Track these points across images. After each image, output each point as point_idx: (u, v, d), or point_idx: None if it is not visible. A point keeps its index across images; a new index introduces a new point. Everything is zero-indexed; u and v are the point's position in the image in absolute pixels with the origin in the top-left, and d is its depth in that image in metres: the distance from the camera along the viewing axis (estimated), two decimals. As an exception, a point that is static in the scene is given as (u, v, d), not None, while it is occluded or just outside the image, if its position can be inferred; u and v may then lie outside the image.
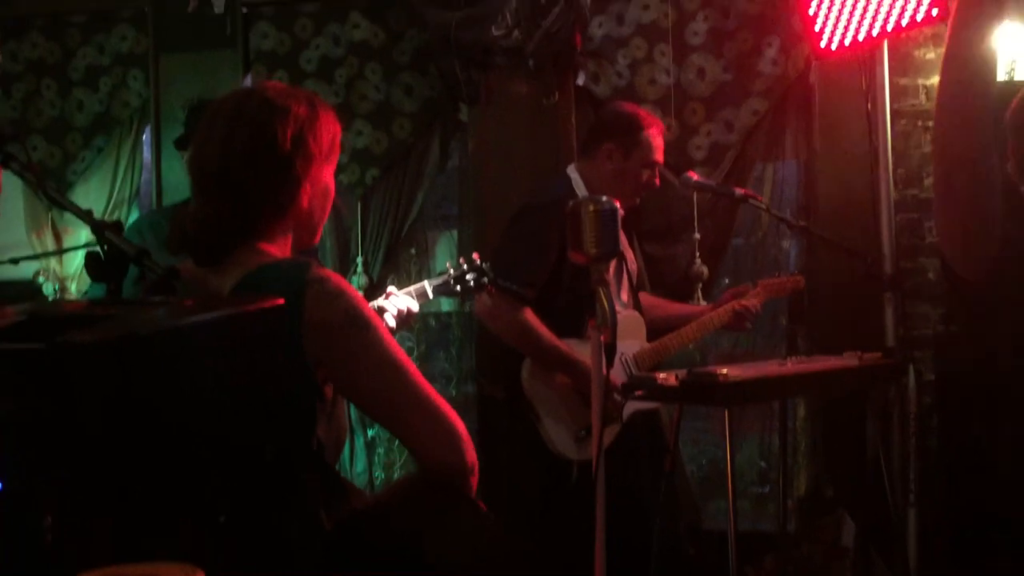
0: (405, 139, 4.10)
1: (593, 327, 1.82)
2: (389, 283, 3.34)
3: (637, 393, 2.81)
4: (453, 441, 1.56)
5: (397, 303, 2.40)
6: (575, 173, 3.13)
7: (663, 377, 2.74)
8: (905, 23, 3.20)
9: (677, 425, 3.04)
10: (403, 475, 4.08)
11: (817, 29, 3.45)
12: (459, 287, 2.60)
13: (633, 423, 3.02)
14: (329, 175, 1.70)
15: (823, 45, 3.46)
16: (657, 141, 3.08)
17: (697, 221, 3.76)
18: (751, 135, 3.80)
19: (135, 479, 1.11)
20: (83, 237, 4.14)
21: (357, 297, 1.57)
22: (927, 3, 3.12)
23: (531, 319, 2.94)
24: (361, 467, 4.15)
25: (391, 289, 2.46)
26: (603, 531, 1.85)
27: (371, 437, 4.15)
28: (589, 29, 3.83)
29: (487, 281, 2.63)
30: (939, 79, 1.77)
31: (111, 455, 1.09)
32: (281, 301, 1.31)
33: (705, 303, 3.57)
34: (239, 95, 1.68)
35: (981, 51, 1.69)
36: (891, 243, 3.59)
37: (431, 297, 2.55)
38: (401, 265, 4.18)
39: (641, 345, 3.13)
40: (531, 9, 3.71)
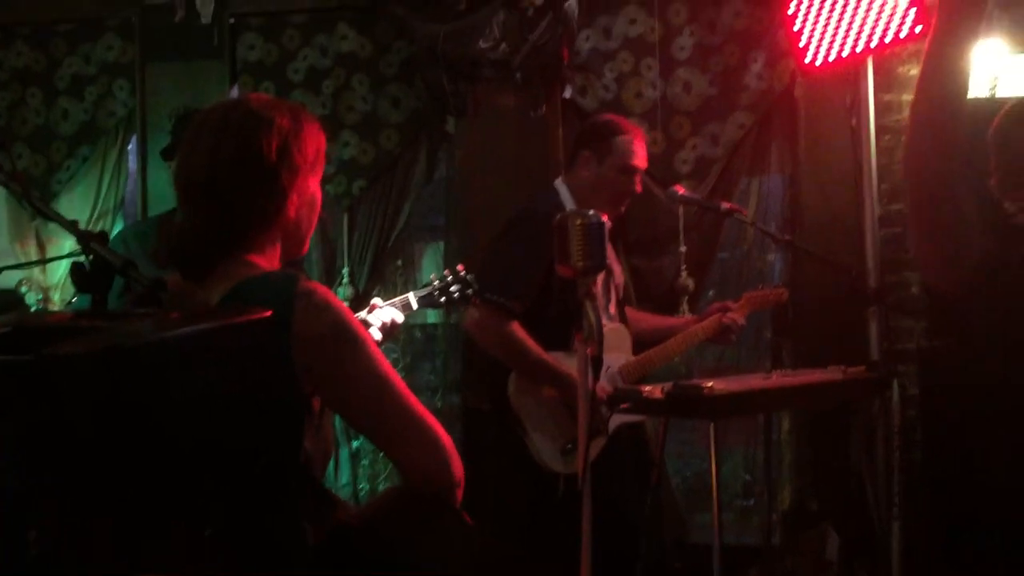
0: (392, 150, 4.10)
1: (580, 340, 1.82)
2: (375, 295, 3.34)
3: (623, 406, 2.81)
4: (438, 455, 1.56)
5: (382, 315, 2.39)
6: (562, 186, 3.14)
7: (648, 390, 2.75)
8: (889, 40, 3.24)
9: (663, 438, 3.04)
10: (388, 487, 4.06)
11: (802, 45, 3.48)
12: (444, 299, 2.60)
13: (619, 436, 3.02)
14: (315, 185, 1.70)
15: (808, 60, 3.49)
16: (633, 147, 3.05)
17: (683, 234, 3.77)
18: (737, 149, 3.83)
19: (120, 492, 1.10)
20: (67, 247, 4.12)
21: (344, 310, 1.57)
22: (911, 20, 3.15)
23: (518, 332, 2.94)
24: (346, 479, 4.13)
25: (376, 301, 2.46)
26: (589, 544, 1.85)
27: (356, 449, 4.14)
28: (576, 42, 3.85)
29: (472, 293, 2.63)
30: (915, 96, 1.76)
31: (97, 467, 1.08)
32: (269, 313, 1.31)
33: (691, 316, 3.58)
34: (225, 106, 1.68)
35: (960, 69, 1.70)
36: (875, 257, 3.62)
37: (415, 308, 2.55)
38: (387, 276, 4.18)
39: (627, 358, 3.13)
40: (519, 22, 3.73)
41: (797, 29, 3.47)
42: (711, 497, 2.74)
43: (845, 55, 3.38)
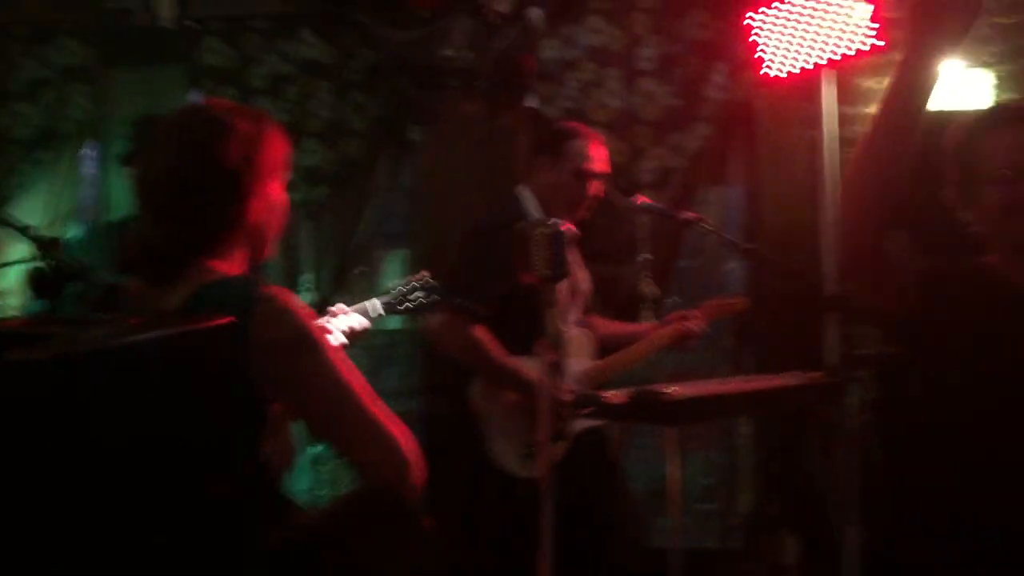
0: (355, 157, 4.09)
1: (542, 346, 1.84)
2: (337, 301, 3.33)
3: (585, 411, 2.83)
4: (397, 461, 1.56)
5: (348, 320, 2.39)
6: (525, 191, 3.15)
7: (609, 395, 2.76)
8: (852, 53, 3.28)
9: (622, 443, 3.06)
10: (346, 491, 4.05)
11: (761, 56, 3.52)
12: (406, 306, 2.58)
13: (581, 440, 3.04)
14: (279, 190, 1.70)
15: (767, 72, 3.53)
16: (589, 151, 3.05)
17: (645, 242, 3.80)
18: (698, 159, 3.87)
19: (74, 497, 1.09)
20: (18, 252, 4.05)
21: (305, 315, 1.57)
22: (872, 33, 3.19)
23: (482, 336, 2.94)
24: (306, 484, 4.11)
25: (340, 306, 2.45)
26: (550, 548, 1.86)
27: (316, 455, 4.12)
28: (540, 52, 3.87)
29: (435, 299, 2.62)
30: (883, 105, 1.77)
31: (50, 473, 1.07)
32: (229, 319, 1.31)
33: (653, 322, 3.60)
34: (186, 112, 1.68)
35: (931, 82, 1.73)
36: (832, 264, 3.67)
37: (383, 314, 2.53)
38: (350, 283, 4.17)
39: (589, 363, 3.15)
40: (483, 31, 3.74)
41: (756, 41, 3.51)
42: (671, 501, 2.76)
43: (806, 68, 3.42)
